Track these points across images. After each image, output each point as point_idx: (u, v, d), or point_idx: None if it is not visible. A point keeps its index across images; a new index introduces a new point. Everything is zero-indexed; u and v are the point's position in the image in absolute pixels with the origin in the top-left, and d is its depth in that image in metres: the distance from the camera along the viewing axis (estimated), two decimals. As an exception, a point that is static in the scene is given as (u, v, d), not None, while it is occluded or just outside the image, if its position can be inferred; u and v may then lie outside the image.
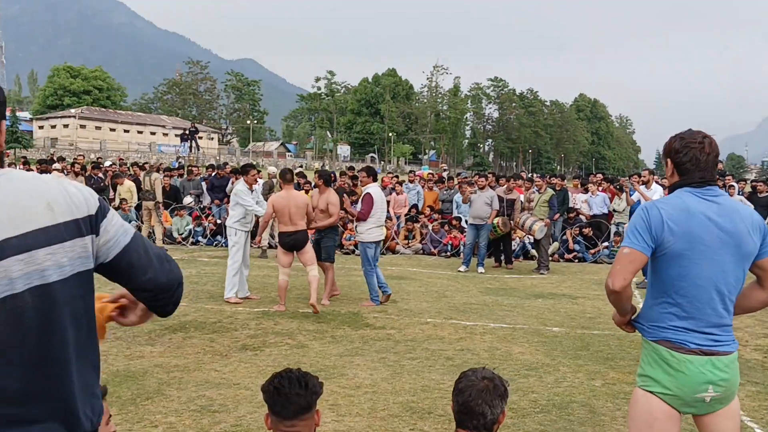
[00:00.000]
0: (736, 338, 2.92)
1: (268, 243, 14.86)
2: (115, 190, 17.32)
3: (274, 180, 16.33)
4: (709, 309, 2.78)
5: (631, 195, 13.63)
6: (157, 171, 17.13)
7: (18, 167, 17.49)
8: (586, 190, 16.51)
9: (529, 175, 18.05)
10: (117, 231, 1.85)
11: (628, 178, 18.02)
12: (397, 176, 21.21)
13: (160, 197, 15.04)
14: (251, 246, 10.72)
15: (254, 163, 10.54)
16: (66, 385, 1.72)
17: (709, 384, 2.76)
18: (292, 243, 8.86)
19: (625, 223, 15.33)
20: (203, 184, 17.89)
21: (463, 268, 13.11)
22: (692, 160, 2.84)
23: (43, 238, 1.67)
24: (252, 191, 9.83)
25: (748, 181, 20.03)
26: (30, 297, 1.64)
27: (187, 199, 17.34)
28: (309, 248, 9.03)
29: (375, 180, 9.80)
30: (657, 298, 2.86)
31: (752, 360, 6.91)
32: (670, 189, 2.93)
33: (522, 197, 13.93)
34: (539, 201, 13.49)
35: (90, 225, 1.78)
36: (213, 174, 18.09)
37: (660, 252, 2.79)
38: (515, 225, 13.51)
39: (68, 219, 1.73)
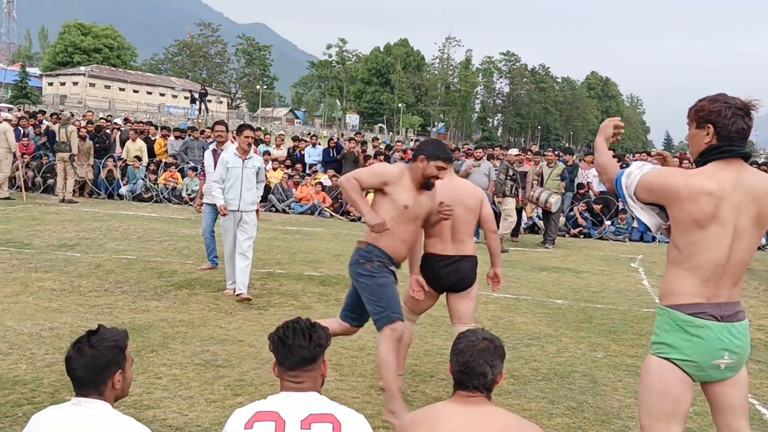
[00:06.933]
0: None
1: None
2: (123, 147, 17.34)
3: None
4: (726, 276, 2.79)
5: None
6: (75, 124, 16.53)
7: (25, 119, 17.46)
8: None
9: (532, 148, 17.95)
10: None
11: (632, 155, 17.97)
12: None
13: (75, 149, 14.95)
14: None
15: (252, 125, 8.79)
16: None
17: (725, 350, 2.76)
18: (451, 278, 4.85)
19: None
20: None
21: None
22: (739, 131, 2.75)
23: None
24: (245, 159, 7.54)
25: (759, 165, 19.95)
26: None
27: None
28: (475, 291, 4.95)
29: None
30: (677, 265, 2.84)
31: (755, 339, 6.90)
32: (704, 157, 2.81)
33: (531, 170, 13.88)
34: (551, 175, 13.43)
35: None
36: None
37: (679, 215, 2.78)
38: (529, 199, 13.45)
39: None
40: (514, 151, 14.12)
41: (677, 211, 2.77)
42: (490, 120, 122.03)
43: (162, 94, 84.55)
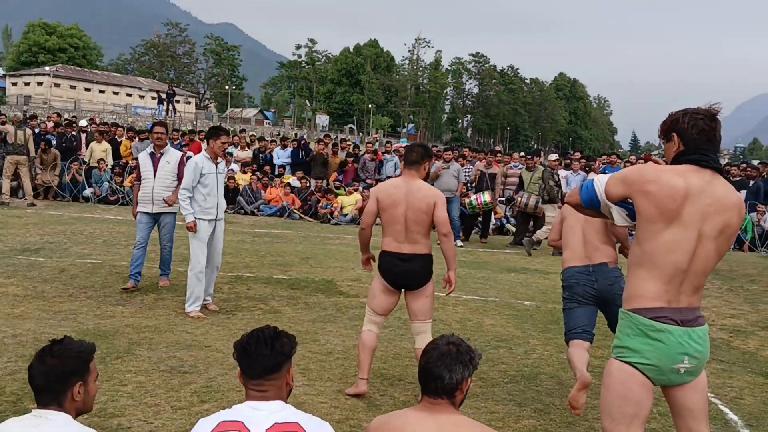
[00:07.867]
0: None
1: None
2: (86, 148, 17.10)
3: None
4: (687, 282, 2.83)
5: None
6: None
7: None
8: (567, 167, 16.50)
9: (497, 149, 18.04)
10: None
11: (600, 157, 18.30)
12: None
13: (33, 151, 14.78)
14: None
15: (226, 128, 8.33)
16: None
17: (685, 355, 2.80)
18: (402, 275, 4.97)
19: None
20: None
21: (459, 242, 13.06)
22: (701, 132, 2.88)
23: None
24: (217, 164, 7.13)
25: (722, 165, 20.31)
26: None
27: None
28: (430, 290, 5.02)
29: None
30: (639, 266, 2.88)
31: (718, 339, 7.03)
32: (675, 163, 2.92)
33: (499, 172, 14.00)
34: (532, 178, 13.48)
35: None
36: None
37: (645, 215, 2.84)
38: (517, 206, 13.54)
39: None
40: (553, 156, 14.14)
41: (643, 202, 2.81)
42: (460, 121, 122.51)
43: (129, 95, 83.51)
